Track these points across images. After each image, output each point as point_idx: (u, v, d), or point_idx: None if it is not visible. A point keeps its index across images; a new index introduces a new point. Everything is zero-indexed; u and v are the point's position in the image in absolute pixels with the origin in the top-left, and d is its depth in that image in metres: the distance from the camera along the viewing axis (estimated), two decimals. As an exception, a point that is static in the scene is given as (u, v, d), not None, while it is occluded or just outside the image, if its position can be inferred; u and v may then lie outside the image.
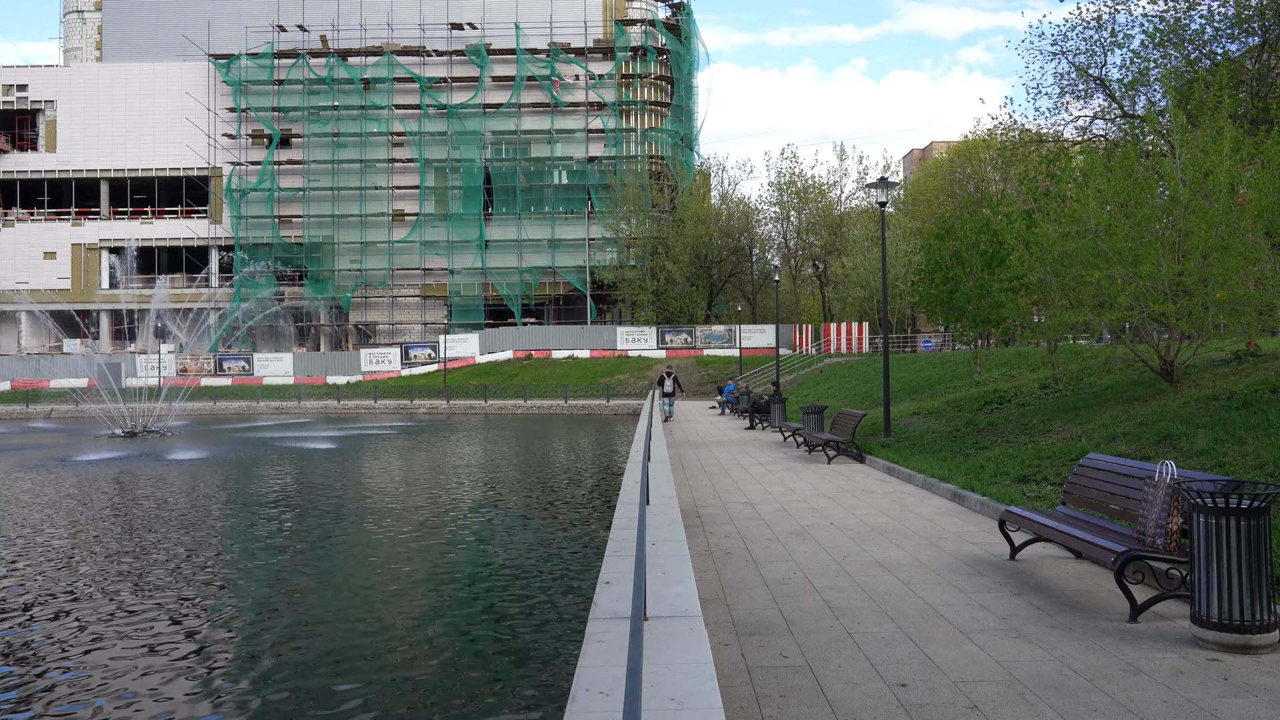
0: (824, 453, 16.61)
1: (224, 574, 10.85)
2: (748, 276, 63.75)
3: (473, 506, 15.93)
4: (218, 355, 59.73)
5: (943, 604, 6.28)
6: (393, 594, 9.82)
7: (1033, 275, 16.51)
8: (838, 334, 52.81)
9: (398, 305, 64.70)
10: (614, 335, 58.10)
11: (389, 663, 7.48)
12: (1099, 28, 24.14)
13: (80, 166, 65.41)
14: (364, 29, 64.22)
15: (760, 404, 25.66)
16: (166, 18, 66.94)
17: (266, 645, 8.00)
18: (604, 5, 64.69)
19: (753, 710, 4.42)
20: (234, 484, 19.48)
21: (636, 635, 2.79)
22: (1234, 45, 22.86)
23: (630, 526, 6.04)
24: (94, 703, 6.63)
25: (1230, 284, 12.63)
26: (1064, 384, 17.80)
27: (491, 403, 48.51)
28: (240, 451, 26.57)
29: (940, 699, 4.52)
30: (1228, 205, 12.59)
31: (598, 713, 3.04)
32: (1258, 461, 8.76)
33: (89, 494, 17.83)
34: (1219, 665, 4.89)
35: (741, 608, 6.25)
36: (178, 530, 13.58)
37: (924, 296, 25.80)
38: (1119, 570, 5.75)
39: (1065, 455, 11.29)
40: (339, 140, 63.75)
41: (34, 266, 64.93)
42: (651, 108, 64.18)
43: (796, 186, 58.88)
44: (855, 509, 10.57)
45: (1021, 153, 28.78)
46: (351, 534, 13.26)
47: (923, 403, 22.84)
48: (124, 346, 62.02)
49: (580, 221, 63.22)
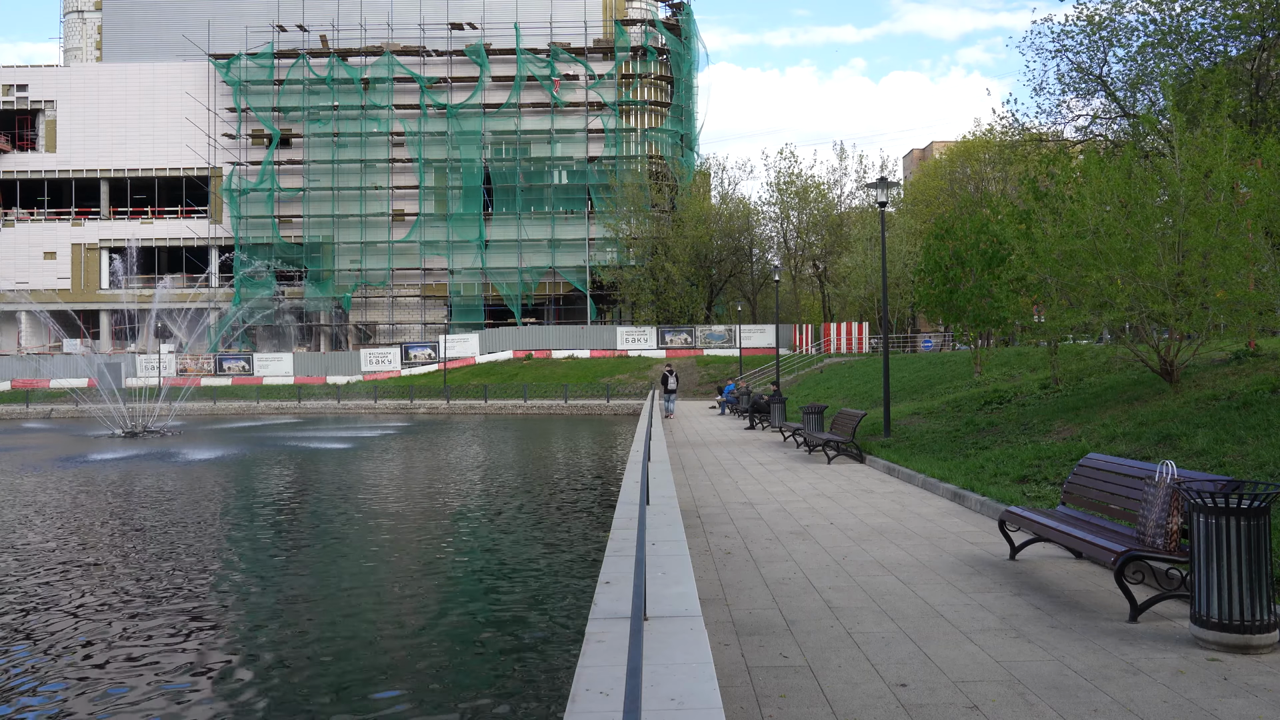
0: (824, 453, 16.61)
1: (226, 574, 10.85)
2: (748, 276, 63.73)
3: (473, 506, 15.93)
4: (218, 355, 59.73)
5: (943, 604, 6.28)
6: (393, 594, 9.82)
7: (1033, 275, 16.51)
8: (838, 334, 52.80)
9: (398, 305, 64.70)
10: (614, 335, 58.09)
11: (389, 663, 7.47)
12: (1100, 26, 24.15)
13: (80, 166, 65.41)
14: (364, 29, 64.22)
15: (760, 404, 25.65)
16: (166, 18, 66.93)
17: (266, 641, 8.00)
18: (604, 5, 64.67)
19: (753, 710, 4.42)
20: (242, 484, 19.48)
21: (636, 635, 2.79)
22: (1234, 46, 22.86)
23: (630, 526, 6.04)
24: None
25: (1230, 284, 12.63)
26: (1064, 384, 17.80)
27: (491, 403, 48.50)
28: (248, 452, 26.50)
29: (940, 699, 4.52)
30: (1227, 205, 12.59)
31: (598, 713, 3.04)
32: (1258, 461, 8.76)
33: (103, 494, 17.83)
34: (1219, 665, 4.89)
35: (741, 608, 6.25)
36: (187, 534, 13.57)
37: (924, 296, 25.81)
38: (1119, 570, 5.75)
39: (1065, 455, 11.28)
40: (339, 140, 63.75)
41: (34, 266, 64.92)
42: (651, 108, 64.19)
43: (796, 186, 58.86)
44: (855, 509, 10.57)
45: (1021, 152, 28.81)
46: (356, 532, 13.26)
47: (923, 403, 22.84)
48: (124, 346, 62.02)
49: (580, 221, 63.22)
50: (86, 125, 65.04)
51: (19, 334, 64.90)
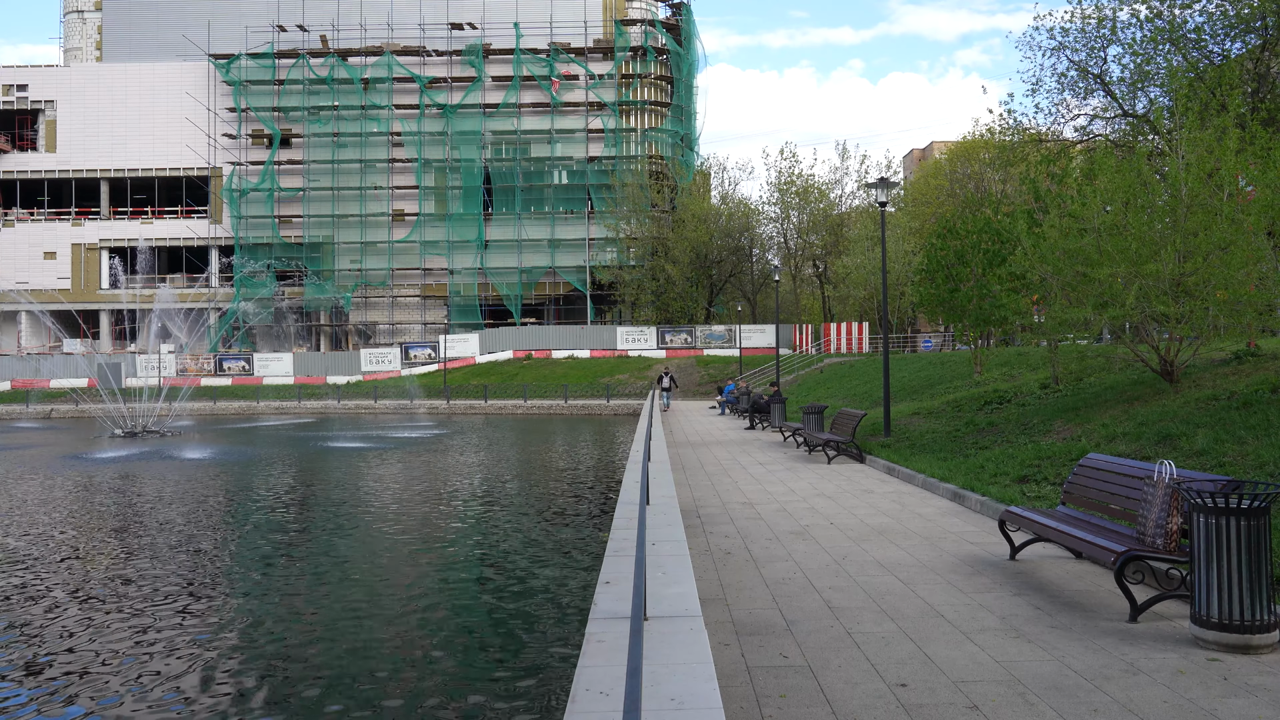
0: (824, 453, 16.61)
1: (227, 569, 10.86)
2: (748, 276, 63.70)
3: (473, 506, 15.94)
4: (218, 355, 59.72)
5: (943, 604, 6.28)
6: (393, 593, 9.82)
7: (1034, 274, 16.50)
8: (838, 334, 52.80)
9: (398, 305, 64.69)
10: (614, 335, 58.09)
11: (387, 663, 7.47)
12: (1099, 24, 24.12)
13: (80, 166, 65.40)
14: (364, 29, 64.21)
15: (760, 404, 25.64)
16: (166, 18, 66.91)
17: (264, 635, 8.00)
18: (604, 5, 64.67)
19: (753, 710, 4.41)
20: (244, 484, 19.51)
21: (636, 635, 2.79)
22: (1235, 45, 22.84)
23: (630, 526, 6.04)
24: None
25: (1232, 284, 12.62)
26: (1064, 384, 17.80)
27: (491, 403, 48.49)
28: (252, 453, 26.49)
29: (940, 699, 4.52)
30: (1231, 205, 12.58)
31: (598, 713, 3.04)
32: (1258, 461, 8.76)
33: (126, 495, 17.84)
34: (1219, 665, 4.89)
35: (741, 607, 6.25)
36: (196, 536, 13.58)
37: (925, 296, 25.80)
38: (1119, 570, 5.75)
39: (1065, 455, 11.28)
40: (339, 140, 63.74)
41: (34, 266, 64.93)
42: (651, 108, 64.18)
43: (796, 186, 58.84)
44: (855, 509, 10.57)
45: (1020, 152, 28.77)
46: (359, 530, 13.27)
47: (923, 403, 22.83)
48: (124, 346, 62.02)
49: (580, 221, 63.21)
50: (86, 125, 65.02)
51: (19, 334, 64.90)
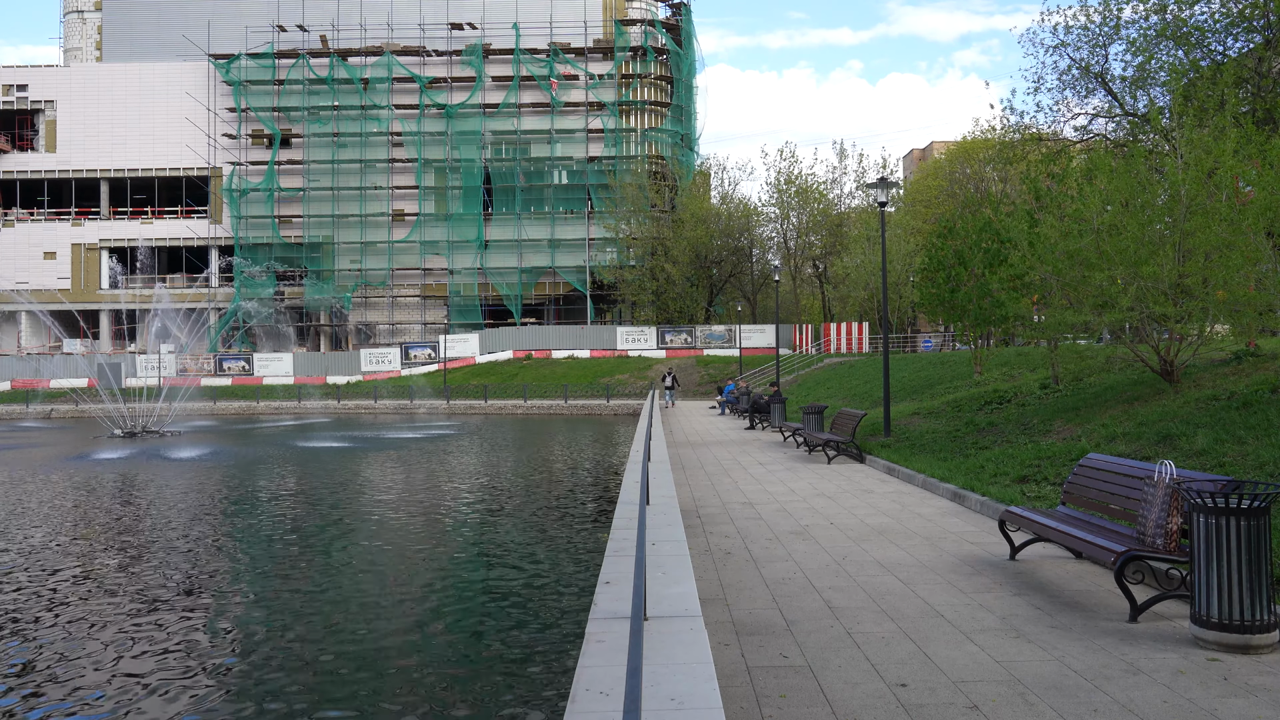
0: (824, 453, 16.61)
1: (226, 564, 10.86)
2: (748, 276, 63.70)
3: (473, 506, 15.93)
4: (217, 355, 59.72)
5: (943, 604, 6.28)
6: (392, 592, 9.82)
7: (1034, 274, 16.50)
8: (838, 334, 52.79)
9: (398, 305, 64.69)
10: (614, 335, 58.08)
11: (385, 662, 7.47)
12: (1103, 21, 24.13)
13: (80, 166, 65.40)
14: (364, 29, 64.20)
15: (760, 404, 25.64)
16: (166, 18, 66.91)
17: (265, 635, 8.00)
18: (604, 5, 64.67)
19: (753, 710, 4.41)
20: (243, 485, 19.51)
21: (636, 635, 2.79)
22: (1236, 44, 22.84)
23: (630, 526, 6.04)
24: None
25: (1231, 284, 12.61)
26: (1064, 384, 17.79)
27: (491, 403, 48.48)
28: (252, 453, 26.48)
29: (940, 699, 4.52)
30: (1230, 205, 12.57)
31: (598, 713, 3.04)
32: (1258, 461, 8.76)
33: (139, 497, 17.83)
34: (1219, 665, 4.89)
35: (741, 607, 6.25)
36: (197, 538, 13.58)
37: (925, 296, 25.80)
38: (1119, 570, 5.75)
39: (1065, 455, 11.28)
40: (339, 140, 63.74)
41: (34, 266, 64.92)
42: (651, 108, 64.17)
43: (796, 186, 58.82)
44: (855, 509, 10.57)
45: (1020, 151, 28.76)
46: (359, 530, 13.27)
47: (923, 403, 22.83)
48: (124, 346, 62.00)
49: (580, 221, 63.21)
50: (86, 125, 65.02)
51: (19, 334, 64.89)
